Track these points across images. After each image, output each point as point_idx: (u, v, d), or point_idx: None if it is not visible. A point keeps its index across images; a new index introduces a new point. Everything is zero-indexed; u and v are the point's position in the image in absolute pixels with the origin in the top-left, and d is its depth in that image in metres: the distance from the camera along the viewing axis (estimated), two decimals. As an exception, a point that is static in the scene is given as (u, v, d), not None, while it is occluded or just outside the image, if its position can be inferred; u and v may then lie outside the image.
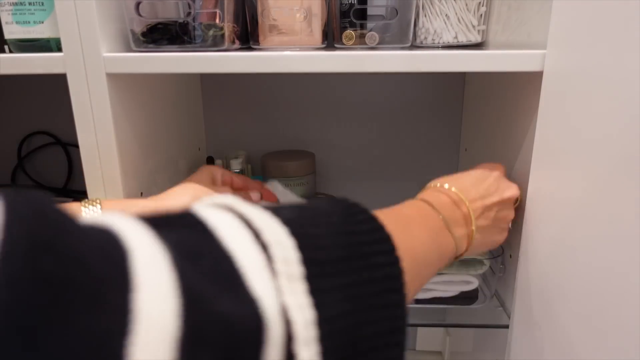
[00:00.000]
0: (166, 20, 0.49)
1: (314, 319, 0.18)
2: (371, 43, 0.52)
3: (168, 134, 0.64)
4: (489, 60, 0.44)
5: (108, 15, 0.46)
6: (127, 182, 0.50)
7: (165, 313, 0.14)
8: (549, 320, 0.43)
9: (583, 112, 0.37)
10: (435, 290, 0.55)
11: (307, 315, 0.18)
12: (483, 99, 0.68)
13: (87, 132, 0.47)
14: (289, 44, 0.52)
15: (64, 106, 0.48)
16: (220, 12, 0.49)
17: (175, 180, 0.67)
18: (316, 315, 0.19)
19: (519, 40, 0.49)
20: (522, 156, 0.50)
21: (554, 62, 0.42)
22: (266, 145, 0.81)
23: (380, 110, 0.80)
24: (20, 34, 0.48)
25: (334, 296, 0.20)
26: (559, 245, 0.41)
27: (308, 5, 0.51)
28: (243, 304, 0.16)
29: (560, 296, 0.41)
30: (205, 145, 0.82)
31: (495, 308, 0.57)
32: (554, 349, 0.43)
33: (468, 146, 0.77)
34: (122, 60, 0.46)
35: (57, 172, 0.85)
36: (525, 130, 0.49)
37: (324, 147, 0.81)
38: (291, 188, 0.70)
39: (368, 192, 0.85)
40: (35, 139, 0.84)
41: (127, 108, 0.50)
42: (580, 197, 0.38)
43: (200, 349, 0.14)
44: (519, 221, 0.50)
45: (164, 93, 0.62)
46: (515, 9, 0.51)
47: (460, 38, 0.55)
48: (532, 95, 0.46)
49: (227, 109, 0.81)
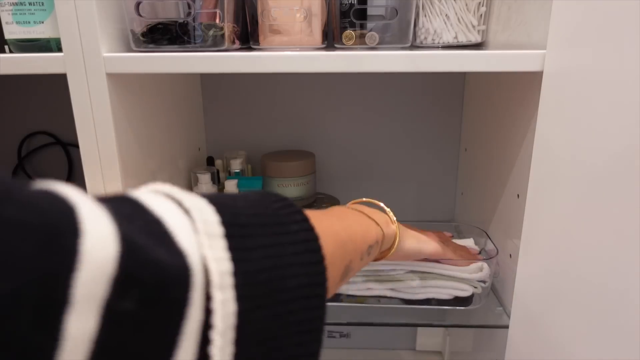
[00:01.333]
0: (166, 20, 0.49)
1: (231, 270, 0.21)
2: (371, 43, 0.52)
3: (168, 134, 0.64)
4: (489, 60, 0.44)
5: (108, 15, 0.46)
6: (127, 182, 0.50)
7: (106, 256, 0.17)
8: (549, 321, 0.43)
9: (583, 112, 0.37)
10: (430, 291, 0.56)
11: (222, 267, 0.21)
12: (483, 99, 0.68)
13: (87, 132, 0.47)
14: (289, 44, 0.52)
15: (64, 106, 0.48)
16: (220, 12, 0.49)
17: (175, 180, 0.67)
18: (233, 267, 0.21)
19: (519, 40, 0.49)
20: (522, 156, 0.50)
21: (554, 62, 0.42)
22: (266, 145, 0.81)
23: (380, 110, 0.80)
24: (20, 34, 0.48)
25: (252, 254, 0.22)
26: (559, 245, 0.41)
27: (308, 5, 0.51)
28: (172, 255, 0.19)
29: (560, 296, 0.41)
30: (205, 145, 0.82)
31: (495, 308, 0.57)
32: (553, 349, 0.43)
33: (468, 146, 0.77)
34: (122, 60, 0.46)
35: (57, 172, 0.85)
36: (525, 130, 0.49)
37: (324, 147, 0.81)
38: (291, 188, 0.70)
39: (368, 192, 0.85)
40: (35, 139, 0.84)
41: (127, 108, 0.50)
42: (580, 196, 0.38)
43: (132, 288, 0.17)
44: (519, 221, 0.50)
45: (164, 93, 0.62)
46: (515, 9, 0.51)
47: (460, 38, 0.55)
48: (532, 95, 0.46)
49: (227, 109, 0.81)
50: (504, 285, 0.57)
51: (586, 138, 0.37)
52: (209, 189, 0.66)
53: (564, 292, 0.40)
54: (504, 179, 0.57)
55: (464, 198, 0.80)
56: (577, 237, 0.38)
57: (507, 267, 0.55)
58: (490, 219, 0.63)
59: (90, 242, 0.17)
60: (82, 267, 0.16)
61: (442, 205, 0.85)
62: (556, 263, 0.42)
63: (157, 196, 0.22)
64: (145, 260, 0.18)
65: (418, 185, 0.85)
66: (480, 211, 0.69)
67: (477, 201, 0.71)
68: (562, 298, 0.41)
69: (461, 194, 0.81)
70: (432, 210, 0.86)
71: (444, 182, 0.84)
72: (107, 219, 0.18)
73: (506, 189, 0.56)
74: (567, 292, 0.40)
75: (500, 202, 0.59)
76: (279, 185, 0.70)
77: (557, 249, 0.42)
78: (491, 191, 0.63)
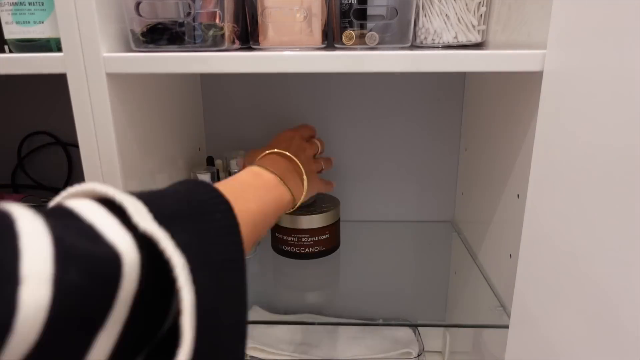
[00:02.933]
0: (166, 20, 0.49)
1: (167, 235, 0.25)
2: (371, 43, 0.52)
3: (168, 134, 0.64)
4: (489, 60, 0.44)
5: (108, 15, 0.46)
6: (127, 182, 0.50)
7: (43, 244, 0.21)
8: (549, 321, 0.43)
9: (583, 112, 0.37)
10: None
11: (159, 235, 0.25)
12: (483, 99, 0.68)
13: (87, 132, 0.47)
14: (289, 44, 0.52)
15: (64, 106, 0.48)
16: (220, 12, 0.49)
17: (175, 180, 0.67)
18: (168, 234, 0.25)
19: (519, 40, 0.49)
20: (522, 156, 0.50)
21: (554, 62, 0.42)
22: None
23: (380, 110, 0.80)
24: (20, 34, 0.48)
25: (180, 235, 0.26)
26: (558, 245, 0.41)
27: (308, 5, 0.51)
28: (101, 246, 0.23)
29: (560, 296, 0.41)
30: (205, 145, 0.82)
31: (495, 308, 0.57)
32: (553, 349, 0.43)
33: (468, 146, 0.77)
34: (122, 60, 0.46)
35: (57, 172, 0.85)
36: (525, 130, 0.49)
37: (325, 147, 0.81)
38: None
39: (368, 192, 0.85)
40: (35, 139, 0.84)
41: (127, 108, 0.50)
42: (580, 196, 0.38)
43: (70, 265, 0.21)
44: (519, 221, 0.50)
45: (164, 93, 0.62)
46: (515, 9, 0.51)
47: (460, 38, 0.55)
48: (532, 95, 0.46)
49: (227, 109, 0.81)
50: (504, 285, 0.57)
51: (586, 138, 0.37)
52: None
53: (564, 292, 0.40)
54: (504, 179, 0.57)
55: (464, 198, 0.80)
56: (577, 237, 0.38)
57: (507, 267, 0.55)
58: (490, 219, 0.63)
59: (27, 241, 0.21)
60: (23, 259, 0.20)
61: (442, 205, 0.85)
62: (556, 263, 0.42)
63: (88, 203, 0.26)
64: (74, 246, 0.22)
65: (418, 185, 0.85)
66: (480, 211, 0.69)
67: (477, 201, 0.71)
68: (562, 298, 0.41)
69: (461, 194, 0.81)
70: (432, 210, 0.86)
71: (444, 182, 0.84)
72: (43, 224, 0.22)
73: (506, 189, 0.56)
74: (567, 292, 0.40)
75: (500, 202, 0.59)
76: None
77: (557, 249, 0.42)
78: (491, 191, 0.63)
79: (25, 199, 0.73)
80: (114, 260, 0.23)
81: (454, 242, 0.80)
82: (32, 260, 0.20)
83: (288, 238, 0.69)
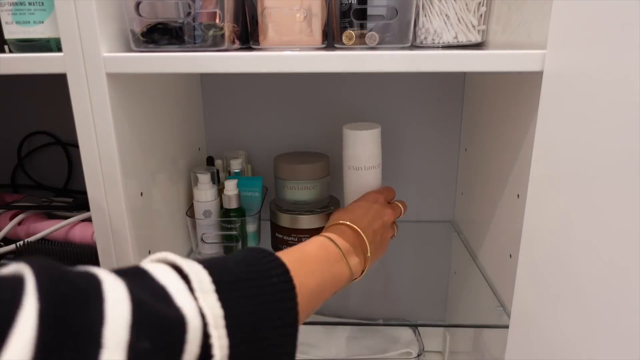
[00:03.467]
0: (166, 20, 0.49)
1: (222, 314, 0.29)
2: (371, 43, 0.52)
3: (168, 134, 0.64)
4: (489, 60, 0.44)
5: (108, 15, 0.46)
6: (127, 182, 0.50)
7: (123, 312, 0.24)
8: (549, 321, 0.43)
9: (583, 111, 0.37)
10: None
11: (215, 312, 0.29)
12: (483, 99, 0.68)
13: (87, 132, 0.47)
14: (289, 44, 0.52)
15: (64, 106, 0.48)
16: (220, 12, 0.49)
17: (175, 180, 0.67)
18: (223, 312, 0.29)
19: (519, 40, 0.49)
20: (522, 156, 0.50)
21: (554, 62, 0.42)
22: (266, 145, 0.81)
23: (379, 110, 0.80)
24: (20, 34, 0.48)
25: (239, 302, 0.30)
26: (558, 245, 0.41)
27: (308, 5, 0.51)
28: (171, 308, 0.27)
29: (559, 296, 0.41)
30: (205, 145, 0.82)
31: (495, 308, 0.57)
32: (553, 349, 0.43)
33: (468, 146, 0.77)
34: (122, 60, 0.46)
35: (57, 172, 0.85)
36: (525, 130, 0.49)
37: (323, 147, 0.81)
38: (303, 191, 0.68)
39: (368, 192, 0.85)
40: (35, 139, 0.84)
41: (127, 108, 0.50)
42: (580, 196, 0.38)
43: (143, 332, 0.24)
44: (519, 221, 0.50)
45: (164, 93, 0.62)
46: (515, 9, 0.51)
47: (460, 38, 0.55)
48: (532, 95, 0.46)
49: (227, 109, 0.81)
50: (504, 285, 0.57)
51: (586, 138, 0.37)
52: (208, 189, 0.66)
53: (564, 292, 0.40)
54: (504, 179, 0.57)
55: (464, 198, 0.80)
56: (577, 237, 0.38)
57: (507, 267, 0.55)
58: (490, 219, 0.63)
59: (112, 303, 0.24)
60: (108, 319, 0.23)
61: (442, 205, 0.85)
62: (556, 263, 0.42)
63: (162, 266, 0.30)
64: (149, 312, 0.25)
65: (418, 185, 0.85)
66: (480, 211, 0.69)
67: (477, 201, 0.71)
68: (562, 298, 0.41)
69: (461, 194, 0.81)
70: (432, 210, 0.86)
71: (444, 182, 0.84)
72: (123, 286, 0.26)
73: (506, 189, 0.56)
74: (567, 292, 0.40)
75: (500, 202, 0.59)
76: (291, 188, 0.67)
77: (557, 249, 0.42)
78: (491, 191, 0.63)
79: (25, 199, 0.73)
80: (182, 325, 0.27)
81: (454, 242, 0.80)
82: (113, 326, 0.23)
83: (288, 238, 0.69)
